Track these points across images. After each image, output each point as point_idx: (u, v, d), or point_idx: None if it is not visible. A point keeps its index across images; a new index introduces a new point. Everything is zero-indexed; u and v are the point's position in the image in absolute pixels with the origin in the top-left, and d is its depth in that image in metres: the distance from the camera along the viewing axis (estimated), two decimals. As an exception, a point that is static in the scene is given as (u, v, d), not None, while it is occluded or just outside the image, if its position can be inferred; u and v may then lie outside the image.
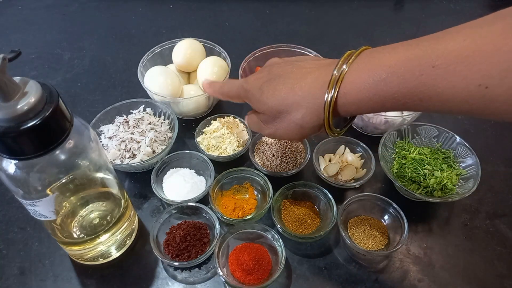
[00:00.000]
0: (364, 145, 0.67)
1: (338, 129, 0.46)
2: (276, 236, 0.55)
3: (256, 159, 0.67)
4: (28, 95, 0.35)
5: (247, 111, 0.78)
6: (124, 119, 0.69)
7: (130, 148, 0.65)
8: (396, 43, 0.39)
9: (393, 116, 0.68)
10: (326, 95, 0.41)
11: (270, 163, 0.66)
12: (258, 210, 0.61)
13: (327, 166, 0.66)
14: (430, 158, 0.64)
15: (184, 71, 0.77)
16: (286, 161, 0.66)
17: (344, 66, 0.40)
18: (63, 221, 0.51)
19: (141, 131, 0.67)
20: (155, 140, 0.67)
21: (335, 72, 0.40)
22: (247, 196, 0.64)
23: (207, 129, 0.71)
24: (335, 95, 0.40)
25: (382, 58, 0.38)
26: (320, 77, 0.42)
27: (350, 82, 0.40)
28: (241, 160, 0.70)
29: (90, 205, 0.53)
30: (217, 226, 0.57)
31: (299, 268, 0.57)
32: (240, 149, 0.67)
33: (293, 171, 0.65)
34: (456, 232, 0.61)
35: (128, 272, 0.56)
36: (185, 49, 0.75)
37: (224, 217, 0.59)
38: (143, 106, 0.72)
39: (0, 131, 0.34)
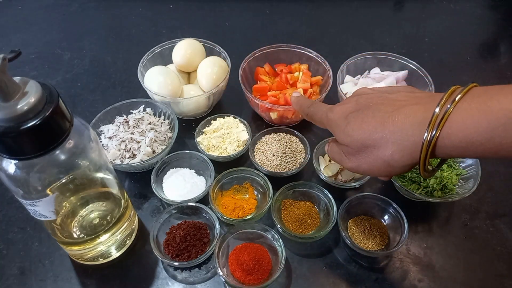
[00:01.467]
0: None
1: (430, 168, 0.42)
2: (276, 236, 0.55)
3: (256, 159, 0.67)
4: (28, 95, 0.35)
5: (247, 111, 0.79)
6: (124, 119, 0.69)
7: (130, 148, 0.65)
8: (509, 84, 0.36)
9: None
10: (426, 135, 0.37)
11: (270, 163, 0.66)
12: (258, 210, 0.61)
13: (327, 166, 0.66)
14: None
15: (184, 71, 0.77)
16: (286, 161, 0.66)
17: (449, 105, 0.36)
18: (63, 221, 0.51)
19: (141, 131, 0.67)
20: (155, 140, 0.67)
21: (437, 110, 0.37)
22: (247, 196, 0.64)
23: (207, 129, 0.71)
24: (437, 135, 0.36)
25: (503, 101, 0.34)
26: (417, 113, 0.39)
27: (458, 122, 0.36)
28: (241, 160, 0.70)
29: (90, 205, 0.53)
30: (217, 226, 0.57)
31: (299, 268, 0.57)
32: (240, 149, 0.67)
33: (293, 171, 0.65)
34: (456, 232, 0.61)
35: (128, 272, 0.56)
36: (185, 49, 0.75)
37: (224, 217, 0.59)
38: (143, 106, 0.72)
39: (0, 131, 0.34)
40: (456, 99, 0.37)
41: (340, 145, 0.47)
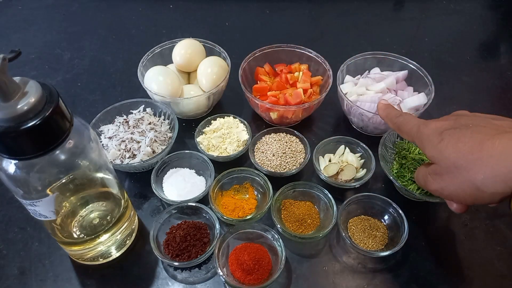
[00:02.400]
0: (364, 145, 0.67)
1: None
2: (276, 236, 0.55)
3: (256, 159, 0.67)
4: (28, 95, 0.35)
5: (247, 111, 0.79)
6: (124, 119, 0.69)
7: (130, 148, 0.65)
8: None
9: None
10: None
11: (270, 163, 0.66)
12: (258, 210, 0.61)
13: (327, 166, 0.66)
14: (430, 158, 0.64)
15: (184, 71, 0.77)
16: (286, 161, 0.66)
17: None
18: (63, 221, 0.51)
19: (141, 131, 0.67)
20: (155, 140, 0.67)
21: None
22: (247, 196, 0.64)
23: (207, 129, 0.71)
24: None
25: None
26: None
27: None
28: (241, 160, 0.70)
29: (90, 205, 0.53)
30: (217, 226, 0.57)
31: (299, 268, 0.57)
32: (240, 149, 0.67)
33: (293, 171, 0.65)
34: (456, 232, 0.61)
35: (128, 272, 0.56)
36: (185, 49, 0.75)
37: (224, 217, 0.59)
38: (143, 106, 0.72)
39: (0, 131, 0.34)
40: None
41: (427, 166, 0.45)
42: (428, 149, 0.44)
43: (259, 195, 0.64)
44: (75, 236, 0.52)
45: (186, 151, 0.67)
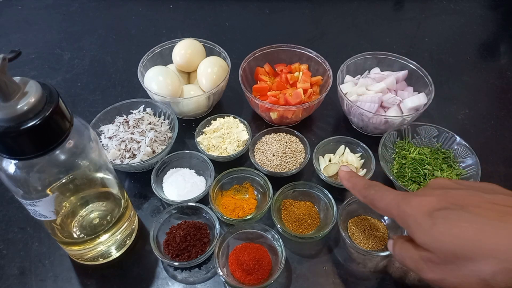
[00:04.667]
0: (364, 145, 0.67)
1: None
2: (276, 236, 0.55)
3: (256, 159, 0.67)
4: (28, 95, 0.35)
5: (247, 111, 0.79)
6: (124, 119, 0.69)
7: (130, 148, 0.65)
8: None
9: (393, 116, 0.68)
10: None
11: (270, 163, 0.66)
12: (258, 210, 0.61)
13: (327, 166, 0.66)
14: (430, 158, 0.64)
15: (184, 71, 0.77)
16: (286, 161, 0.66)
17: None
18: (63, 221, 0.51)
19: (141, 131, 0.67)
20: (155, 140, 0.67)
21: None
22: (247, 196, 0.64)
23: (207, 129, 0.71)
24: None
25: None
26: None
27: None
28: (241, 160, 0.70)
29: (90, 205, 0.53)
30: (217, 226, 0.57)
31: (299, 268, 0.57)
32: (240, 149, 0.67)
33: (293, 171, 0.65)
34: None
35: (128, 272, 0.56)
36: (185, 49, 0.75)
37: (224, 217, 0.59)
38: (143, 106, 0.72)
39: (0, 131, 0.34)
40: None
41: (418, 249, 0.38)
42: (419, 235, 0.37)
43: (259, 195, 0.64)
44: (75, 236, 0.52)
45: (186, 151, 0.67)
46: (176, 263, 0.55)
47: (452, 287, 0.36)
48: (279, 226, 0.57)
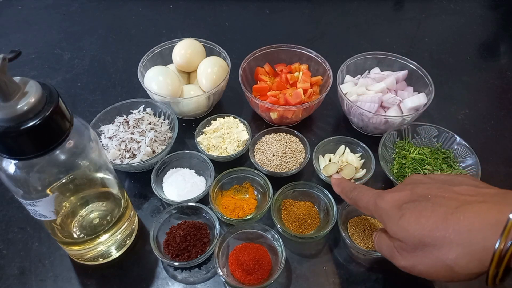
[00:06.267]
0: (364, 145, 0.67)
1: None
2: (276, 236, 0.55)
3: (256, 159, 0.67)
4: (28, 95, 0.35)
5: (247, 111, 0.79)
6: (124, 119, 0.69)
7: (130, 148, 0.65)
8: None
9: (393, 116, 0.68)
10: (499, 244, 0.32)
11: (270, 163, 0.66)
12: (258, 210, 0.61)
13: (327, 166, 0.66)
14: (430, 158, 0.64)
15: (184, 71, 0.77)
16: (286, 161, 0.66)
17: None
18: (63, 221, 0.51)
19: (141, 131, 0.67)
20: (155, 140, 0.67)
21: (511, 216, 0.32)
22: (247, 196, 0.64)
23: (207, 129, 0.71)
24: None
25: None
26: (488, 214, 0.34)
27: None
28: (241, 160, 0.70)
29: (90, 205, 0.53)
30: (217, 226, 0.57)
31: (299, 268, 0.57)
32: (240, 149, 0.67)
33: (293, 171, 0.65)
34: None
35: (128, 272, 0.56)
36: (185, 49, 0.75)
37: (224, 217, 0.59)
38: (143, 106, 0.72)
39: (0, 131, 0.34)
40: None
41: (392, 239, 0.42)
42: (390, 225, 0.41)
43: (259, 195, 0.64)
44: (75, 236, 0.52)
45: (186, 151, 0.67)
46: (176, 263, 0.55)
47: (423, 273, 0.38)
48: (279, 226, 0.57)
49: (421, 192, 0.40)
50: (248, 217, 0.60)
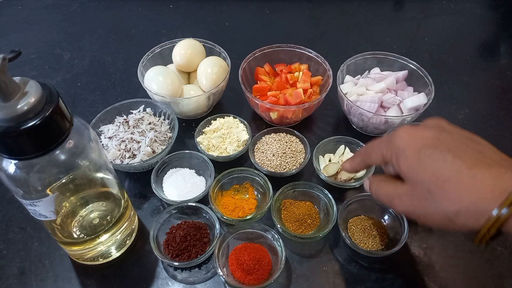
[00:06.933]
0: (364, 145, 0.67)
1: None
2: (276, 236, 0.55)
3: (256, 159, 0.67)
4: (28, 95, 0.35)
5: (247, 111, 0.79)
6: (124, 119, 0.69)
7: (130, 148, 0.65)
8: None
9: (393, 116, 0.68)
10: (495, 210, 0.33)
11: (270, 163, 0.66)
12: (258, 210, 0.61)
13: (327, 166, 0.66)
14: (430, 158, 0.64)
15: (184, 71, 0.77)
16: (286, 161, 0.66)
17: None
18: (63, 221, 0.51)
19: (141, 131, 0.67)
20: (155, 140, 0.67)
21: None
22: (247, 196, 0.64)
23: (207, 129, 0.71)
24: (509, 216, 0.33)
25: None
26: (499, 179, 0.34)
27: None
28: (241, 160, 0.70)
29: (90, 205, 0.53)
30: (217, 226, 0.57)
31: (299, 268, 0.57)
32: (240, 149, 0.67)
33: (293, 171, 0.65)
34: (456, 232, 0.61)
35: (128, 272, 0.56)
36: (185, 49, 0.75)
37: (224, 217, 0.59)
38: (143, 106, 0.72)
39: (0, 131, 0.34)
40: None
41: (394, 182, 0.41)
42: (401, 164, 0.40)
43: (259, 195, 0.64)
44: (75, 236, 0.52)
45: (186, 151, 0.67)
46: (176, 263, 0.55)
47: (421, 218, 0.39)
48: (279, 226, 0.57)
49: (445, 141, 0.39)
50: (248, 217, 0.60)
